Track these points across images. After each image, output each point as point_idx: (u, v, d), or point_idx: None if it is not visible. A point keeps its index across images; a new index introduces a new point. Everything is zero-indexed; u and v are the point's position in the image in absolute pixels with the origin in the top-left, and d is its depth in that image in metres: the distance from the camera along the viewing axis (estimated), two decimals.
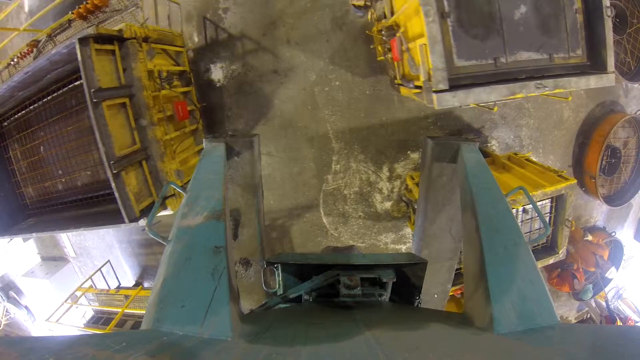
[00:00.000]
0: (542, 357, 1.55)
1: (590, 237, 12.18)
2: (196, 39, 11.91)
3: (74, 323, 13.74)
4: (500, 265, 2.14)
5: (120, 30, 8.37)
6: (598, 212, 14.41)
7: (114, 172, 7.71)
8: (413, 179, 11.24)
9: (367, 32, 10.35)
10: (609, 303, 14.83)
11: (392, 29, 8.37)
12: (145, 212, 8.35)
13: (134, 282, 15.71)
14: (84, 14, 9.64)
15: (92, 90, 7.51)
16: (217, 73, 11.94)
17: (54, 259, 17.75)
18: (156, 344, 1.52)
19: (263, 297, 3.60)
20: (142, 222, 8.12)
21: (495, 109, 9.71)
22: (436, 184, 3.55)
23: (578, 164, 13.44)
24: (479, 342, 1.85)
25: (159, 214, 9.22)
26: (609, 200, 13.60)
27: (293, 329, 2.04)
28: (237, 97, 11.98)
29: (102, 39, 7.98)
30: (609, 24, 7.43)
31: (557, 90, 7.49)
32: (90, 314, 14.79)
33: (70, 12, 9.70)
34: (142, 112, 8.62)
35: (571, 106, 12.84)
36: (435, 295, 3.94)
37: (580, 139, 13.37)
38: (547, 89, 7.25)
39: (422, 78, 7.25)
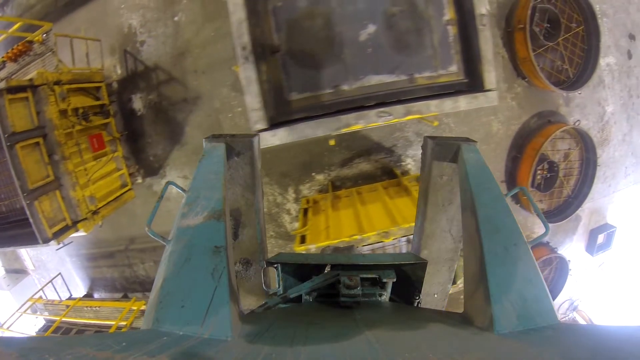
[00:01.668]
0: (542, 357, 1.58)
1: None
2: (119, 71, 13.84)
3: (25, 331, 15.37)
4: (500, 266, 2.17)
5: (31, 79, 10.33)
6: (540, 227, 14.52)
7: (27, 202, 9.69)
8: (308, 202, 11.71)
9: None
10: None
11: None
12: (58, 234, 10.43)
13: (85, 293, 17.16)
14: (13, 57, 11.49)
15: (6, 135, 9.43)
16: (138, 103, 13.71)
17: (16, 272, 19.76)
18: (156, 344, 1.53)
19: (263, 297, 3.58)
20: (53, 243, 10.30)
21: (332, 142, 9.86)
22: (436, 183, 3.58)
23: (512, 179, 13.56)
24: (479, 342, 1.88)
25: (72, 235, 11.16)
26: (547, 216, 13.72)
27: (293, 329, 2.04)
28: (155, 125, 13.26)
29: (15, 89, 9.89)
30: (485, 35, 7.17)
31: (409, 118, 7.25)
32: (42, 322, 15.82)
33: (1, 57, 11.63)
34: (54, 149, 10.59)
35: (500, 119, 13.06)
36: (435, 295, 3.96)
37: (513, 153, 13.48)
38: (391, 117, 6.98)
39: None
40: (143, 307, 13.54)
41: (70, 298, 16.20)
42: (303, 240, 9.32)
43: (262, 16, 7.35)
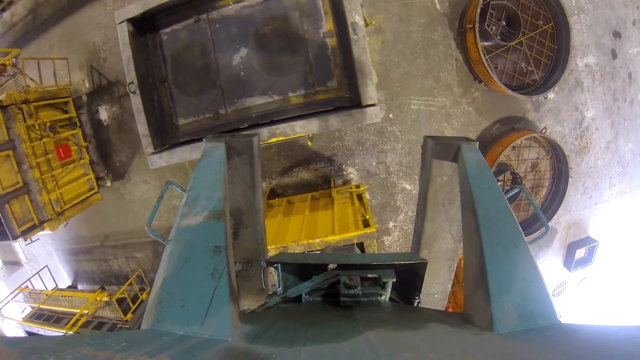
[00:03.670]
0: (543, 357, 1.58)
1: None
2: (87, 85, 14.60)
3: (15, 316, 17.50)
4: (500, 265, 2.17)
5: (0, 101, 11.67)
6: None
7: None
8: None
9: None
10: None
11: None
12: (26, 232, 12.02)
13: (69, 284, 18.37)
14: None
15: None
16: (104, 114, 14.65)
17: (12, 263, 21.03)
18: (156, 344, 1.53)
19: (263, 297, 3.57)
20: (21, 240, 12.00)
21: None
22: (436, 183, 3.59)
23: None
24: (479, 342, 1.88)
25: (39, 233, 12.67)
26: None
27: (293, 329, 2.06)
28: (118, 135, 14.27)
29: None
30: (359, 46, 6.88)
31: (274, 140, 7.33)
32: (29, 309, 17.57)
33: None
34: (23, 159, 12.09)
35: (454, 126, 12.65)
36: (435, 295, 3.96)
37: None
38: None
39: None
40: (105, 298, 14.66)
41: (55, 289, 17.26)
42: None
43: (151, 49, 7.93)
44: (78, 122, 14.33)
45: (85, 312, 14.36)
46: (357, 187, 11.45)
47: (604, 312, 18.29)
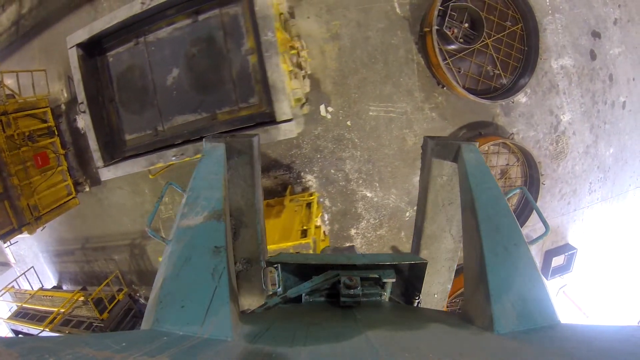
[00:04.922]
0: (543, 357, 1.57)
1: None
2: (66, 95, 15.00)
3: (2, 315, 17.96)
4: (500, 265, 2.17)
5: None
6: None
7: None
8: None
9: None
10: None
11: None
12: (5, 235, 12.63)
13: (55, 284, 18.93)
14: None
15: None
16: (80, 122, 15.03)
17: (1, 264, 21.75)
18: (156, 344, 1.51)
19: (263, 297, 3.54)
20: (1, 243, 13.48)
21: (151, 175, 10.66)
22: (436, 183, 3.57)
23: None
24: (479, 342, 1.87)
25: (19, 236, 13.43)
26: None
27: (293, 329, 2.03)
28: None
29: None
30: (272, 62, 7.15)
31: (200, 156, 7.51)
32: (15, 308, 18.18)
33: None
34: (2, 168, 12.49)
35: (416, 132, 12.39)
36: (436, 295, 3.95)
37: None
38: (184, 156, 7.72)
39: None
40: (82, 298, 15.36)
41: (39, 289, 17.84)
42: None
43: (100, 71, 8.48)
44: (56, 131, 14.78)
45: (62, 310, 15.05)
46: (310, 195, 11.63)
47: (585, 320, 17.67)
